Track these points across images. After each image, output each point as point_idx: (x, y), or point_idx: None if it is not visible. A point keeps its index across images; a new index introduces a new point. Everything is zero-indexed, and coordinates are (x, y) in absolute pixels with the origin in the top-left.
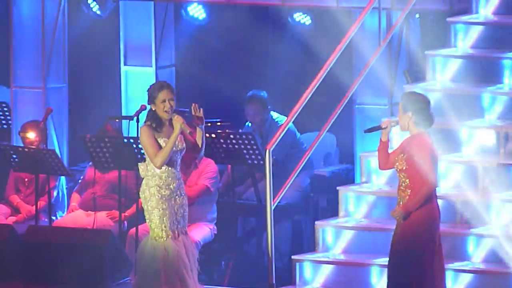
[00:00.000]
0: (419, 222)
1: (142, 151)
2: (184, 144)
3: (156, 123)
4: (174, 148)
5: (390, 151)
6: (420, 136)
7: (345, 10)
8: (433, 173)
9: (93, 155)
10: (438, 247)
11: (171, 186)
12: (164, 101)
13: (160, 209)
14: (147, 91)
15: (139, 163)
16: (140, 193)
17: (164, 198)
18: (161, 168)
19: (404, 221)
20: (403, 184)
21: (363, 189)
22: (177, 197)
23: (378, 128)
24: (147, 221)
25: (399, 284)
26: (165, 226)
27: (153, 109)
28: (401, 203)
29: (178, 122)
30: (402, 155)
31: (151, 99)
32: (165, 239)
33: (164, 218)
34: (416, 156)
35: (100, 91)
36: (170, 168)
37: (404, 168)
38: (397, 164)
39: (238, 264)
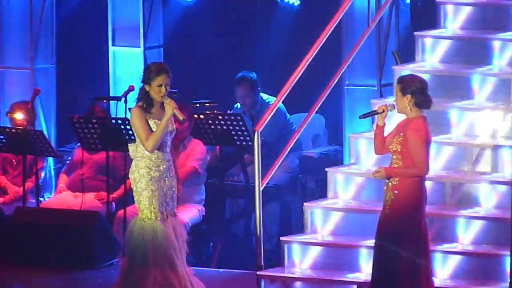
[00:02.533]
0: (406, 204)
1: (131, 132)
2: (175, 126)
3: (147, 103)
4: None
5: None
6: (417, 119)
7: None
8: (426, 159)
9: (80, 136)
10: (423, 229)
11: (160, 168)
12: (160, 85)
13: (149, 190)
14: (144, 70)
15: (129, 144)
16: (129, 174)
17: (153, 180)
18: (152, 152)
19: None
20: (395, 165)
21: (352, 170)
22: (166, 178)
23: (375, 113)
24: (136, 202)
25: (384, 265)
26: (154, 208)
27: (147, 90)
28: (390, 184)
29: (170, 106)
30: (398, 136)
31: (147, 80)
32: (154, 220)
33: (153, 200)
34: (412, 140)
35: (88, 72)
36: (160, 150)
37: (398, 150)
38: (391, 146)
39: (226, 246)
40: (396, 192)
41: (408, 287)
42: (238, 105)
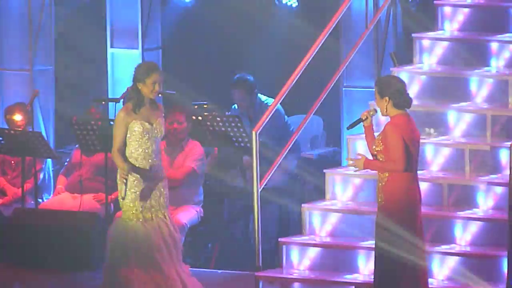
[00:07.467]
0: (398, 204)
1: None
2: (163, 131)
3: (138, 103)
4: (151, 137)
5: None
6: (396, 117)
7: None
8: (402, 155)
9: (79, 138)
10: (419, 229)
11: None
12: (154, 82)
13: (133, 192)
14: (136, 69)
15: None
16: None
17: (137, 181)
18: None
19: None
20: None
21: (350, 171)
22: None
23: (359, 121)
24: (119, 202)
25: (383, 266)
26: (136, 210)
27: (138, 88)
28: (380, 185)
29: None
30: (379, 135)
31: (141, 79)
32: (135, 222)
33: (136, 202)
34: (389, 134)
35: (86, 74)
36: (146, 151)
37: (381, 149)
38: (375, 146)
39: (225, 247)
40: (385, 194)
41: None
42: (236, 106)
